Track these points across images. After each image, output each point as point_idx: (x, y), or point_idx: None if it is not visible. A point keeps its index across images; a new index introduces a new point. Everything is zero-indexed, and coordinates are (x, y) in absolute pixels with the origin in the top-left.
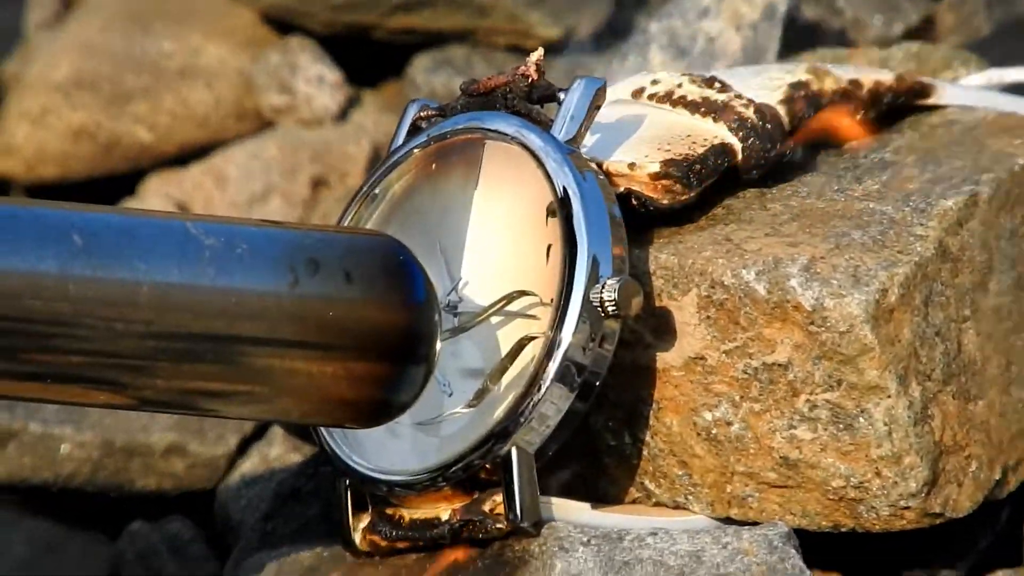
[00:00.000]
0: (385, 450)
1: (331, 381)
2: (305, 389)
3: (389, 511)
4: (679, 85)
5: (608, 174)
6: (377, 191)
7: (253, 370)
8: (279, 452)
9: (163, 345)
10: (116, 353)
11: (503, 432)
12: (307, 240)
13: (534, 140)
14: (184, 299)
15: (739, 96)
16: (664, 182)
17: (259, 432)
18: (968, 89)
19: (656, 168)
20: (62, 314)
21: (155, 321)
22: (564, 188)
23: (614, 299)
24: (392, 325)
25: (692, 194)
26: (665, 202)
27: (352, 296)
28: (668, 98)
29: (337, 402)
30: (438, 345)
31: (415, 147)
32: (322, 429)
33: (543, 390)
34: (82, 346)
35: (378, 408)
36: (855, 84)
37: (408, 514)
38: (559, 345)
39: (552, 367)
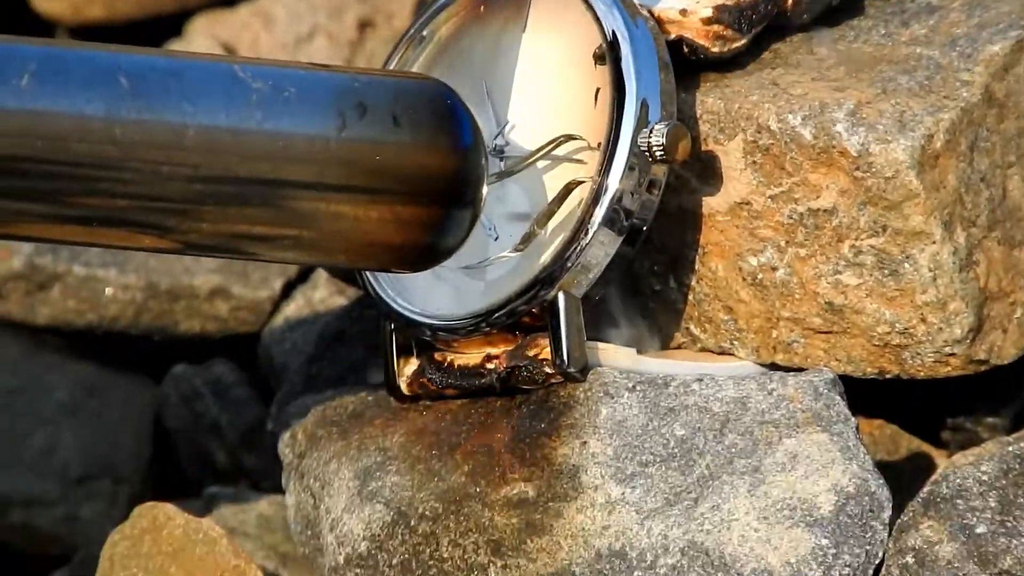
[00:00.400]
0: (430, 294)
1: (378, 225)
2: (351, 233)
3: (438, 357)
4: None
5: (659, 20)
6: (424, 33)
7: (299, 214)
8: (323, 295)
9: (209, 188)
10: (162, 196)
11: (549, 277)
12: (355, 84)
13: None
14: (231, 142)
15: None
16: (716, 27)
17: (303, 275)
18: None
19: (708, 13)
20: (108, 157)
21: (201, 164)
22: (613, 32)
23: (662, 143)
24: (439, 169)
25: (744, 40)
26: (716, 50)
27: (400, 140)
28: None
29: (383, 246)
30: (485, 189)
31: None
32: (367, 272)
33: (590, 234)
34: (128, 189)
35: (424, 252)
36: None
37: (457, 359)
38: (607, 189)
39: (599, 212)
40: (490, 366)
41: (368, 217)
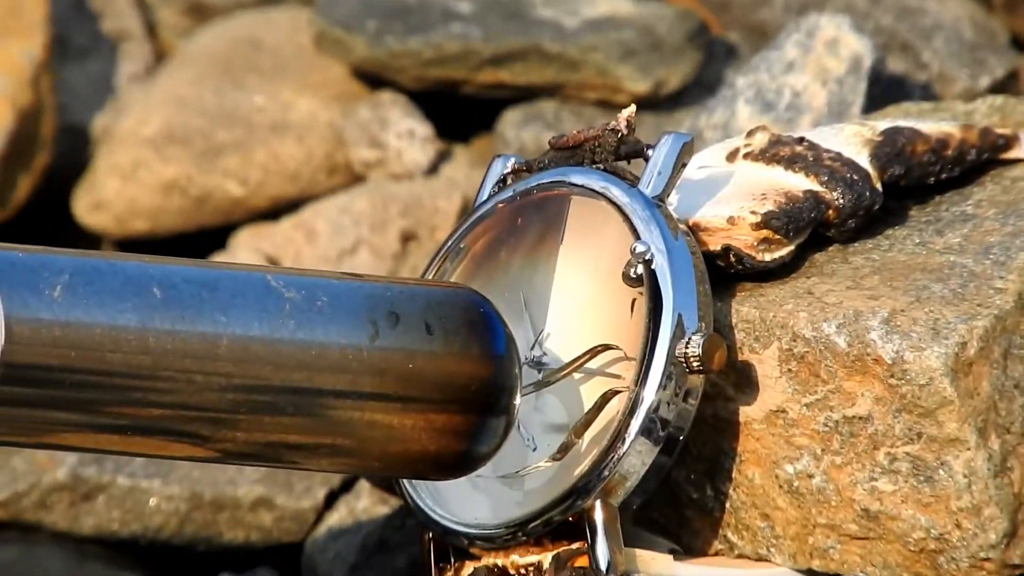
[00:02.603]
0: (467, 503)
1: (411, 433)
2: (386, 441)
3: (490, 565)
4: (772, 143)
5: (705, 230)
6: (462, 245)
7: (334, 423)
8: (366, 504)
9: (243, 398)
10: (196, 406)
11: (586, 487)
12: (388, 293)
13: (620, 196)
14: (264, 352)
15: (828, 151)
16: (764, 232)
17: (347, 485)
18: None
19: (757, 219)
20: (142, 367)
21: (235, 374)
22: (650, 244)
23: (698, 354)
24: (473, 377)
25: (789, 247)
26: (761, 258)
27: (433, 349)
28: (763, 155)
29: (418, 454)
30: (518, 397)
31: (500, 202)
32: (406, 481)
33: (627, 444)
34: (162, 399)
35: (458, 460)
36: (942, 144)
37: (504, 564)
38: (643, 400)
39: (636, 422)
40: None
41: (402, 425)
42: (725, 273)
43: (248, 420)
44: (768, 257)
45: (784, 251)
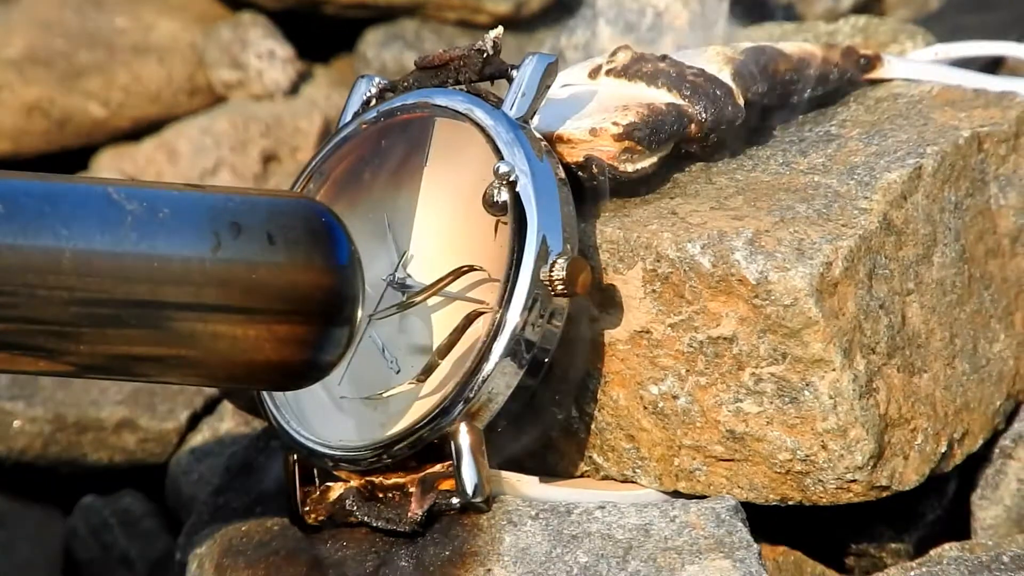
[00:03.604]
0: (332, 424)
1: (255, 343)
2: (230, 352)
3: (360, 487)
4: (635, 60)
5: (567, 142)
6: (325, 167)
7: (178, 335)
8: (230, 426)
9: (87, 311)
10: (40, 319)
11: (450, 408)
12: (229, 204)
13: (484, 117)
14: (106, 265)
15: (691, 68)
16: (626, 143)
17: (209, 406)
18: (913, 63)
19: (619, 130)
20: None
21: (78, 287)
22: (514, 165)
23: (563, 278)
24: (315, 287)
25: (652, 159)
26: (623, 168)
27: (275, 259)
28: (625, 72)
29: (262, 364)
30: (361, 307)
31: (364, 123)
32: (269, 402)
33: (491, 366)
34: (7, 313)
35: (303, 369)
36: (804, 63)
37: (375, 489)
38: (507, 322)
39: (500, 344)
40: (408, 515)
41: (246, 335)
42: (588, 185)
43: (92, 333)
44: (631, 168)
45: (646, 163)
